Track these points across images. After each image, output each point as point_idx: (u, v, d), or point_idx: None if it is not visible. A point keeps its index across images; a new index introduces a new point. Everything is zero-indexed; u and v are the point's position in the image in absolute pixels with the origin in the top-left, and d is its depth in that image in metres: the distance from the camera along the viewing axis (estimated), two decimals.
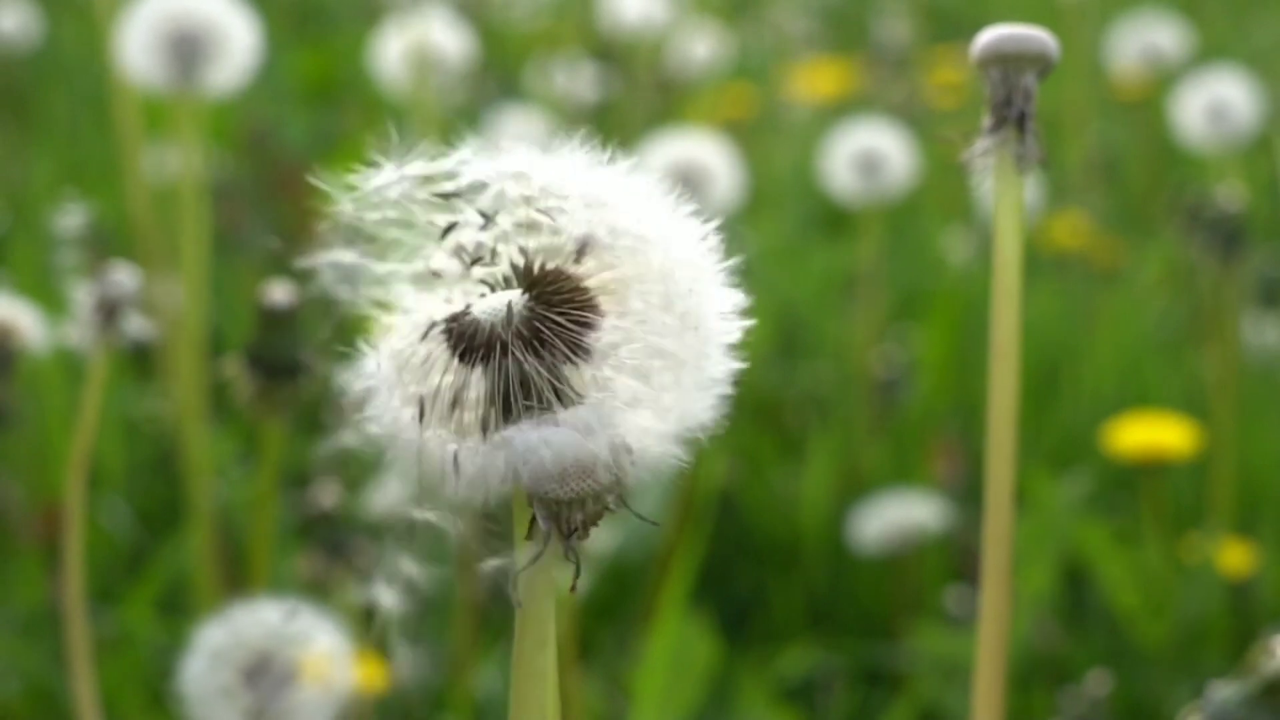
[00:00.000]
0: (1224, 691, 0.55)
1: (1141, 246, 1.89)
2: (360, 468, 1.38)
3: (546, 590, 0.42)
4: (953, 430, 1.49)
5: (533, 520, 0.41)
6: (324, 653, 0.82)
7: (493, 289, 0.42)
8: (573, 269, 0.42)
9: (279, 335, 0.90)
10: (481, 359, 0.41)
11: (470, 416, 0.41)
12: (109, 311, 0.76)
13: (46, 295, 1.25)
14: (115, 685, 1.13)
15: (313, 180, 0.43)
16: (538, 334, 0.41)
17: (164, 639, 1.18)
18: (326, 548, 1.02)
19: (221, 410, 1.40)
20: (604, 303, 0.42)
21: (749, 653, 1.27)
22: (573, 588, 0.41)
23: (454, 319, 0.42)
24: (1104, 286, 1.74)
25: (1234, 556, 1.26)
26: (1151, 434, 1.30)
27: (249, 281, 1.59)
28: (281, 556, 1.17)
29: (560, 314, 0.41)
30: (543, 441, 0.40)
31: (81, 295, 0.77)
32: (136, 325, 0.77)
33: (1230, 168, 1.81)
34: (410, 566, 0.48)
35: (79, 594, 0.78)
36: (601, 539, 1.23)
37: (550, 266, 0.42)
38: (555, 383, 0.41)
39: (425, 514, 0.42)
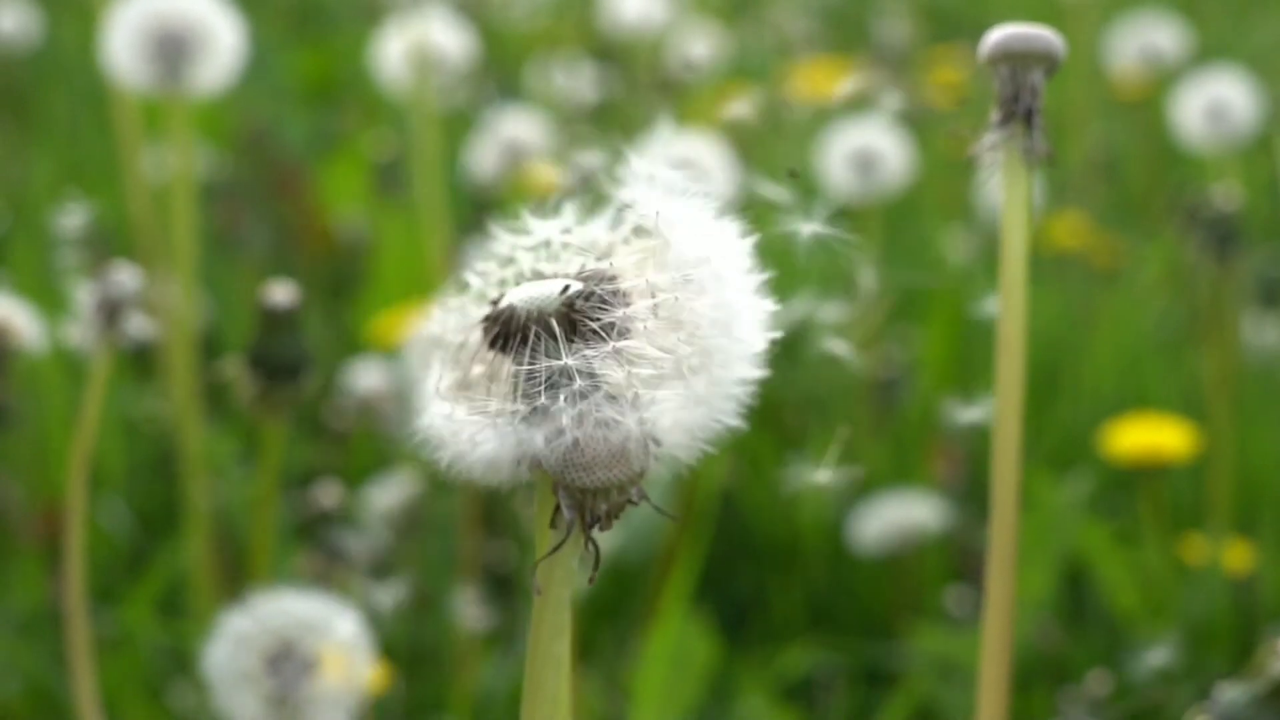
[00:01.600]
0: (1231, 692, 0.55)
1: (1141, 246, 1.89)
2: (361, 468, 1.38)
3: (565, 579, 0.42)
4: (953, 430, 1.49)
5: (556, 509, 0.41)
6: (345, 643, 0.83)
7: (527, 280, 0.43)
8: (610, 264, 0.43)
9: (279, 335, 0.90)
10: (515, 346, 0.42)
11: (500, 402, 0.42)
12: (111, 312, 0.76)
13: (46, 295, 1.25)
14: (115, 685, 1.13)
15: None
16: (572, 324, 0.41)
17: (164, 639, 1.18)
18: (326, 548, 1.02)
19: (221, 410, 1.40)
20: (638, 300, 0.42)
21: (749, 652, 1.27)
22: (591, 579, 0.42)
23: (491, 306, 0.43)
24: (1104, 286, 1.74)
25: (1235, 557, 1.26)
26: (1150, 435, 1.30)
27: (249, 281, 1.59)
28: (281, 556, 1.17)
29: (595, 307, 0.42)
30: (571, 428, 0.40)
31: (83, 295, 0.77)
32: (138, 325, 0.77)
33: (1229, 168, 1.81)
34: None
35: (79, 594, 0.78)
36: (602, 539, 1.23)
37: (590, 262, 0.43)
38: (586, 373, 0.41)
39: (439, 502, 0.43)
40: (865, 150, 1.62)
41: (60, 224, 1.40)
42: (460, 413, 0.42)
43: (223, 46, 1.23)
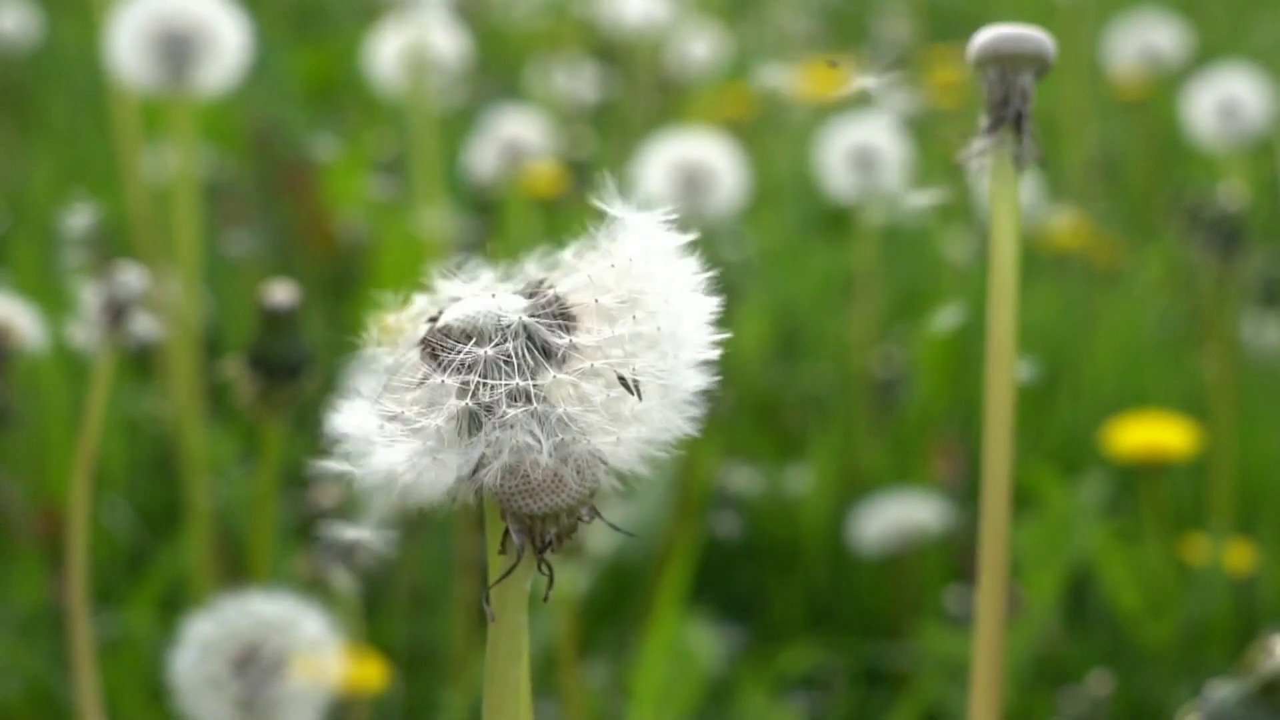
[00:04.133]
0: (1222, 691, 0.55)
1: (1141, 246, 1.89)
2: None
3: (518, 604, 0.41)
4: (953, 430, 1.49)
5: (505, 534, 0.40)
6: (312, 643, 0.82)
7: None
8: (551, 280, 0.42)
9: (279, 335, 0.90)
10: (453, 367, 0.40)
11: (440, 426, 0.40)
12: (116, 312, 0.76)
13: (47, 295, 1.25)
14: (116, 685, 1.13)
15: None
16: (512, 345, 0.40)
17: (164, 639, 1.18)
18: (326, 548, 1.02)
19: (222, 410, 1.40)
20: (580, 314, 0.41)
21: (749, 652, 1.27)
22: (546, 598, 0.41)
23: (429, 325, 0.42)
24: (1104, 286, 1.74)
25: (1235, 556, 1.26)
26: (1151, 434, 1.30)
27: (250, 281, 1.59)
28: (281, 556, 1.17)
29: (533, 323, 0.41)
30: (513, 454, 0.39)
31: (88, 295, 0.77)
32: (143, 325, 0.77)
33: (1231, 167, 1.81)
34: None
35: (80, 594, 0.78)
36: (601, 539, 1.23)
37: (529, 277, 0.42)
38: (528, 396, 0.40)
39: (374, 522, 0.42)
40: (864, 148, 1.62)
41: (65, 224, 1.40)
42: (398, 436, 0.40)
43: (227, 46, 1.23)
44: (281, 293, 0.90)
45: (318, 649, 0.82)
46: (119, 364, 1.42)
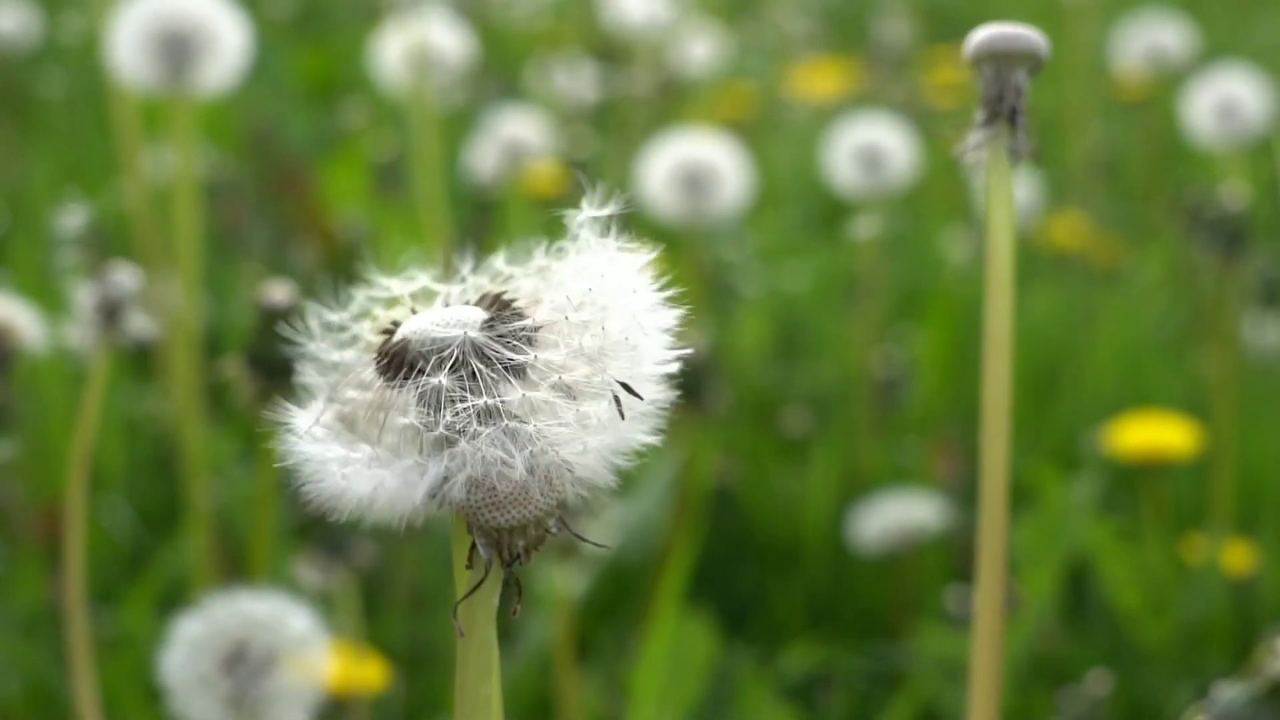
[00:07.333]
0: (1229, 692, 0.55)
1: (1141, 246, 1.89)
2: None
3: (487, 619, 0.41)
4: (953, 430, 1.49)
5: (472, 548, 0.40)
6: (301, 640, 0.82)
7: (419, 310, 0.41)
8: (510, 293, 0.41)
9: (278, 335, 0.90)
10: (412, 380, 0.40)
11: (398, 440, 0.40)
12: (110, 312, 0.76)
13: (46, 295, 1.25)
14: (115, 685, 1.13)
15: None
16: (473, 357, 0.40)
17: (164, 639, 1.18)
18: (326, 548, 1.02)
19: (222, 410, 1.40)
20: (541, 331, 0.41)
21: (749, 652, 1.27)
22: (514, 613, 0.40)
23: (384, 338, 0.41)
24: (1104, 286, 1.74)
25: (1235, 556, 1.26)
26: (1152, 434, 1.30)
27: (249, 281, 1.59)
28: (281, 556, 1.17)
29: (495, 336, 0.40)
30: (479, 467, 0.39)
31: (83, 296, 0.77)
32: (138, 325, 0.77)
33: (1232, 167, 1.81)
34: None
35: (79, 594, 0.78)
36: (601, 539, 1.23)
37: (488, 290, 0.42)
38: (491, 409, 0.39)
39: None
40: (871, 147, 1.62)
41: (60, 224, 1.40)
42: (353, 450, 0.40)
43: (227, 46, 1.23)
44: (280, 292, 0.90)
45: (306, 646, 0.82)
46: (119, 364, 1.42)
